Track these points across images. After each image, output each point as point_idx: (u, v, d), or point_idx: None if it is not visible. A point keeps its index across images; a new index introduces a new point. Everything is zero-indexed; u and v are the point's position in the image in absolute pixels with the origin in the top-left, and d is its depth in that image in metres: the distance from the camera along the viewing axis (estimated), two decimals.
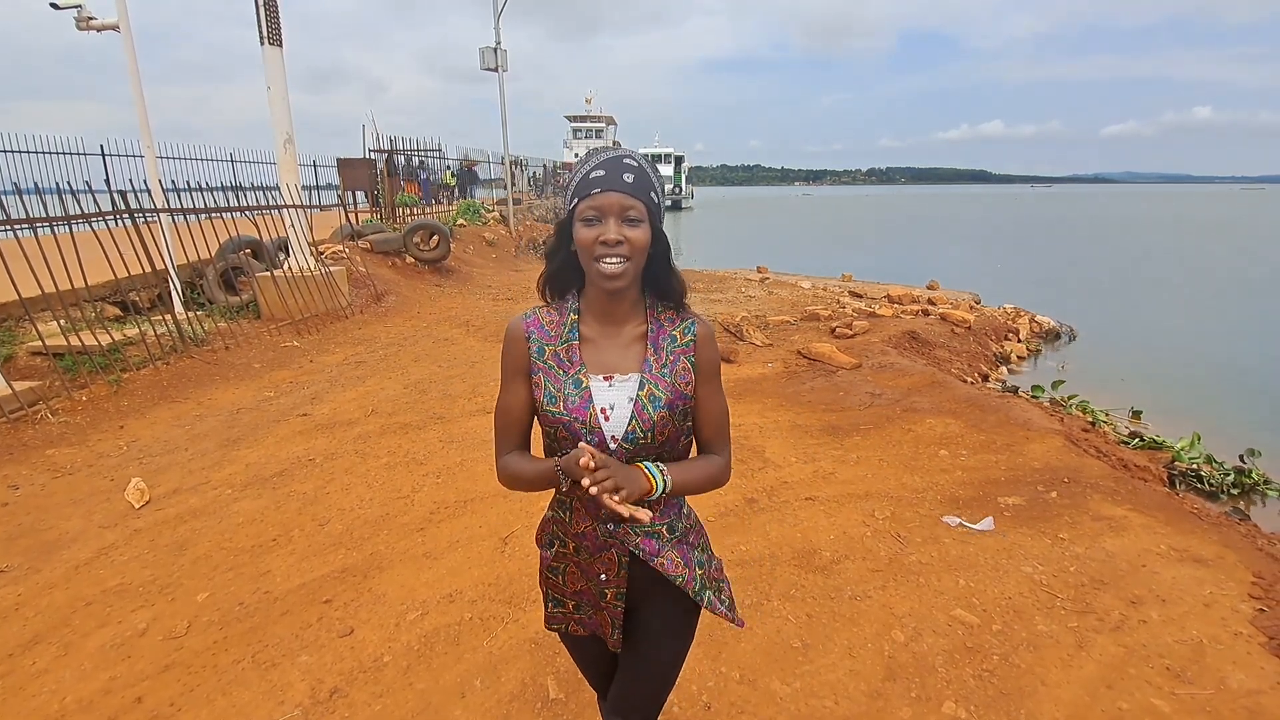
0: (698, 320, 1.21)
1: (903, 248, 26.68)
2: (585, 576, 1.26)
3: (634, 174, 1.09)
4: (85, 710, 2.12)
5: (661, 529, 1.22)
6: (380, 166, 13.49)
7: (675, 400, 1.16)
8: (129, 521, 3.34)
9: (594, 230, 1.08)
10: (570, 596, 1.30)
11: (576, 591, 1.29)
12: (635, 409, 1.13)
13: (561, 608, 1.32)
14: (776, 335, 7.48)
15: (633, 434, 1.13)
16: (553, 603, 1.33)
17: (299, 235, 7.79)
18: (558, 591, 1.31)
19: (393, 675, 2.28)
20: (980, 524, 3.22)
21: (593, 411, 1.13)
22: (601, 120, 54.05)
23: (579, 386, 1.15)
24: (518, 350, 1.20)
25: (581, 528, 1.22)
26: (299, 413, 4.92)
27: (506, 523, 3.29)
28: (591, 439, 1.13)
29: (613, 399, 1.15)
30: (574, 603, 1.31)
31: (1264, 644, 2.32)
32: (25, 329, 5.77)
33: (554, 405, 1.15)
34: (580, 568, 1.26)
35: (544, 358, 1.18)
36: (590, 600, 1.28)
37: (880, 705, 2.12)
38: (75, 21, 6.67)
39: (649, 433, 1.13)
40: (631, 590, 1.25)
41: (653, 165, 1.15)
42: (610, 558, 1.21)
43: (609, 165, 1.09)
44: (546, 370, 1.17)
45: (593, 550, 1.22)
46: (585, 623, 1.32)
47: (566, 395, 1.15)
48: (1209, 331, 10.72)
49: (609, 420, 1.14)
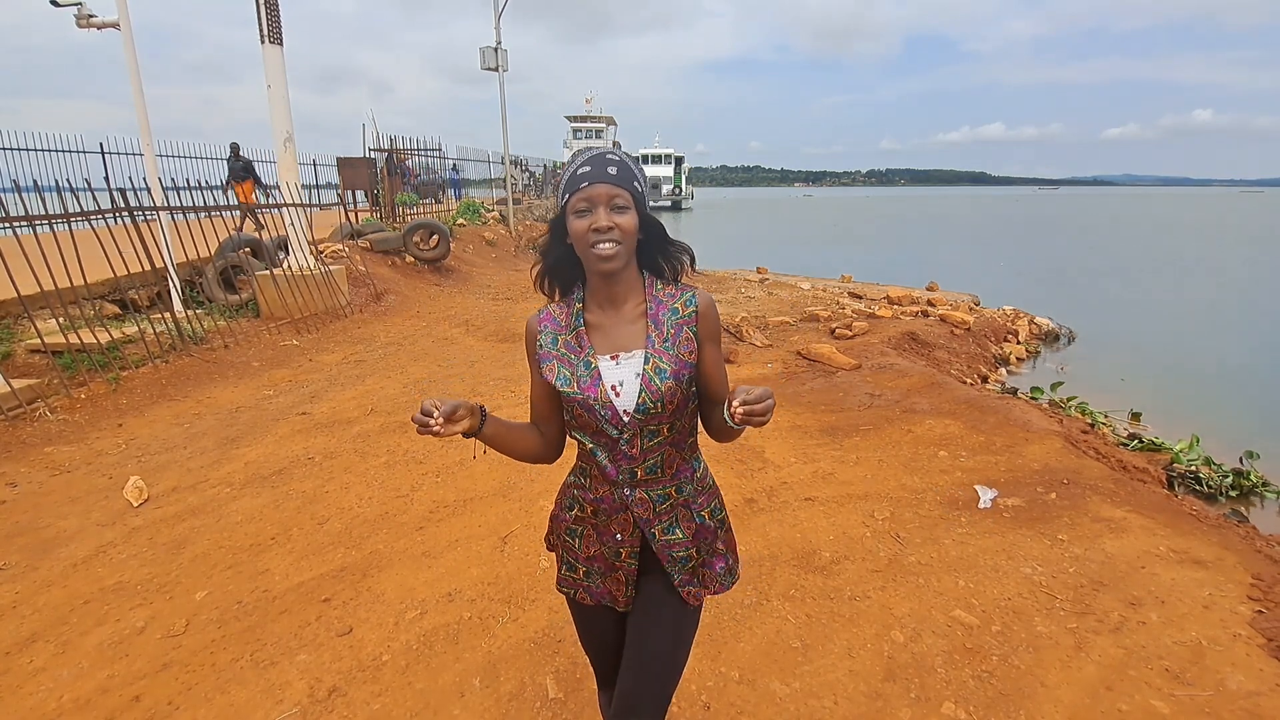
0: (697, 292, 1.29)
1: (902, 249, 26.69)
2: (601, 540, 1.34)
3: (617, 167, 1.19)
4: (83, 708, 2.12)
5: (670, 489, 1.30)
6: (380, 166, 13.49)
7: (680, 370, 1.24)
8: (127, 520, 3.33)
9: (585, 220, 1.18)
10: (583, 562, 1.37)
11: (590, 557, 1.36)
12: (643, 382, 1.22)
13: (573, 573, 1.39)
14: (776, 336, 7.48)
15: (643, 405, 1.22)
16: (566, 565, 1.41)
17: (299, 234, 7.78)
18: (572, 555, 1.39)
19: (391, 674, 2.27)
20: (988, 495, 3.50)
21: (603, 389, 1.23)
22: (601, 121, 54.08)
23: (589, 368, 1.24)
24: (531, 346, 1.32)
25: (600, 492, 1.31)
26: (298, 411, 4.91)
27: (506, 522, 3.29)
28: (605, 413, 1.23)
29: (621, 376, 1.24)
30: (585, 569, 1.37)
31: (1263, 646, 2.31)
32: (24, 327, 5.76)
33: (569, 387, 1.25)
34: (597, 530, 1.34)
35: (557, 346, 1.28)
36: (601, 567, 1.35)
37: (880, 706, 2.12)
38: (75, 19, 6.67)
39: (658, 403, 1.22)
40: (644, 554, 1.33)
41: (634, 159, 1.25)
42: (626, 519, 1.30)
43: (594, 162, 1.19)
44: (560, 357, 1.27)
45: (610, 512, 1.31)
46: (593, 591, 1.38)
47: (579, 376, 1.24)
48: (1208, 334, 10.73)
49: (620, 396, 1.23)
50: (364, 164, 13.28)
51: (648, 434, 1.25)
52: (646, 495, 1.29)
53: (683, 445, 1.32)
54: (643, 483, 1.28)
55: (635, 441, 1.25)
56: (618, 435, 1.24)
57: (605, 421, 1.23)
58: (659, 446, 1.27)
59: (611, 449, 1.26)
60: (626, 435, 1.24)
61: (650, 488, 1.29)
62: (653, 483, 1.29)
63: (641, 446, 1.25)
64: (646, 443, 1.26)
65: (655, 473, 1.29)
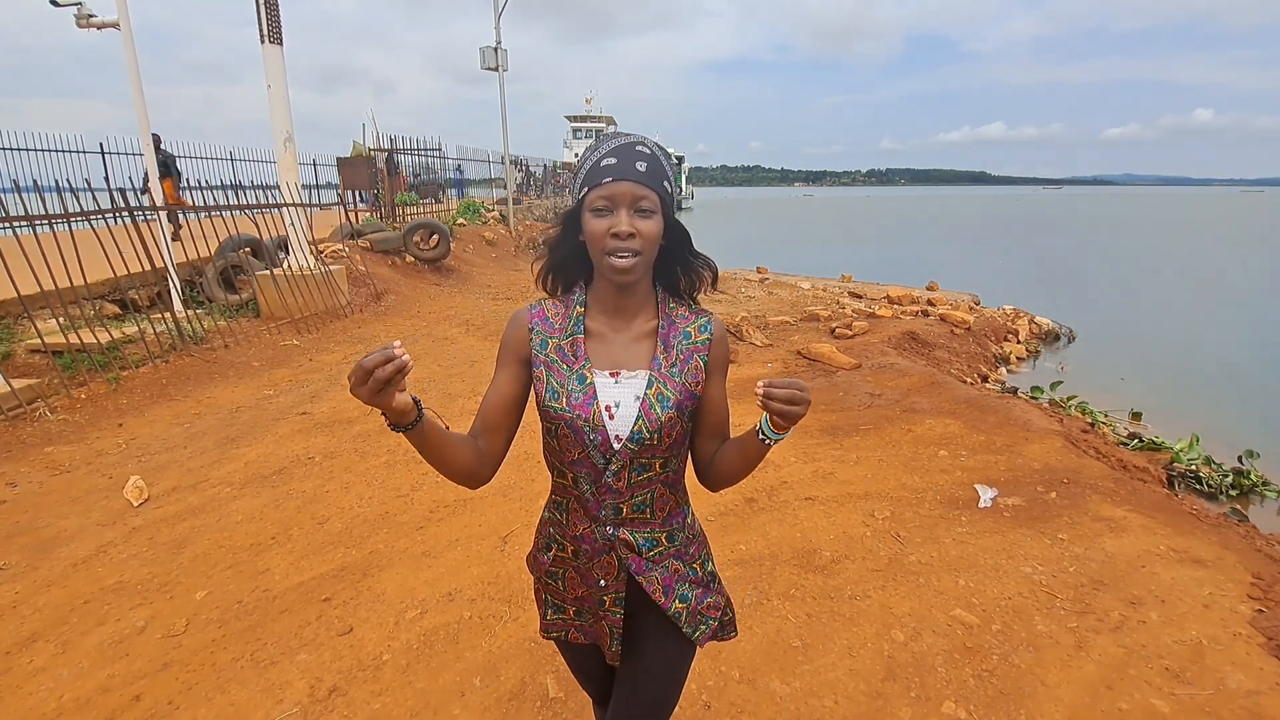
0: (713, 318, 1.18)
1: (902, 248, 26.68)
2: (585, 582, 1.19)
3: (647, 162, 1.03)
4: (83, 708, 2.12)
5: (661, 536, 1.16)
6: (380, 165, 13.49)
7: (684, 400, 1.10)
8: (127, 519, 3.33)
9: (605, 221, 1.03)
10: (571, 603, 1.24)
11: (578, 598, 1.22)
12: (642, 408, 1.08)
13: (561, 614, 1.25)
14: (776, 336, 7.49)
15: (639, 434, 1.08)
16: (552, 609, 1.26)
17: (298, 234, 7.78)
18: (557, 597, 1.25)
19: (392, 674, 2.27)
20: (988, 495, 3.52)
21: (596, 409, 1.08)
22: (601, 120, 54.11)
23: (583, 382, 1.09)
24: (518, 339, 1.14)
25: (580, 529, 1.16)
26: (298, 411, 4.91)
27: (506, 522, 3.29)
28: (594, 437, 1.08)
29: (618, 396, 1.09)
30: (574, 609, 1.24)
31: (1263, 645, 2.32)
32: (24, 327, 5.76)
33: (556, 401, 1.09)
34: (579, 572, 1.19)
35: (546, 351, 1.12)
36: (591, 607, 1.21)
37: (880, 705, 2.12)
38: (75, 19, 6.66)
39: (656, 433, 1.08)
40: (630, 597, 1.18)
41: (665, 153, 1.08)
42: (610, 561, 1.15)
43: (621, 153, 1.03)
44: (549, 364, 1.11)
45: (592, 554, 1.16)
46: (586, 631, 1.25)
47: (570, 391, 1.08)
48: (1208, 333, 10.73)
49: (614, 419, 1.08)
50: (364, 164, 13.29)
51: (638, 467, 1.10)
52: (632, 538, 1.14)
53: (676, 486, 1.18)
54: (628, 521, 1.12)
55: (623, 474, 1.10)
56: (604, 465, 1.09)
57: (592, 447, 1.08)
58: (649, 483, 1.12)
59: (595, 479, 1.11)
60: (614, 466, 1.09)
61: (637, 529, 1.14)
62: (640, 523, 1.14)
63: (629, 480, 1.10)
64: (635, 477, 1.10)
65: (643, 511, 1.13)
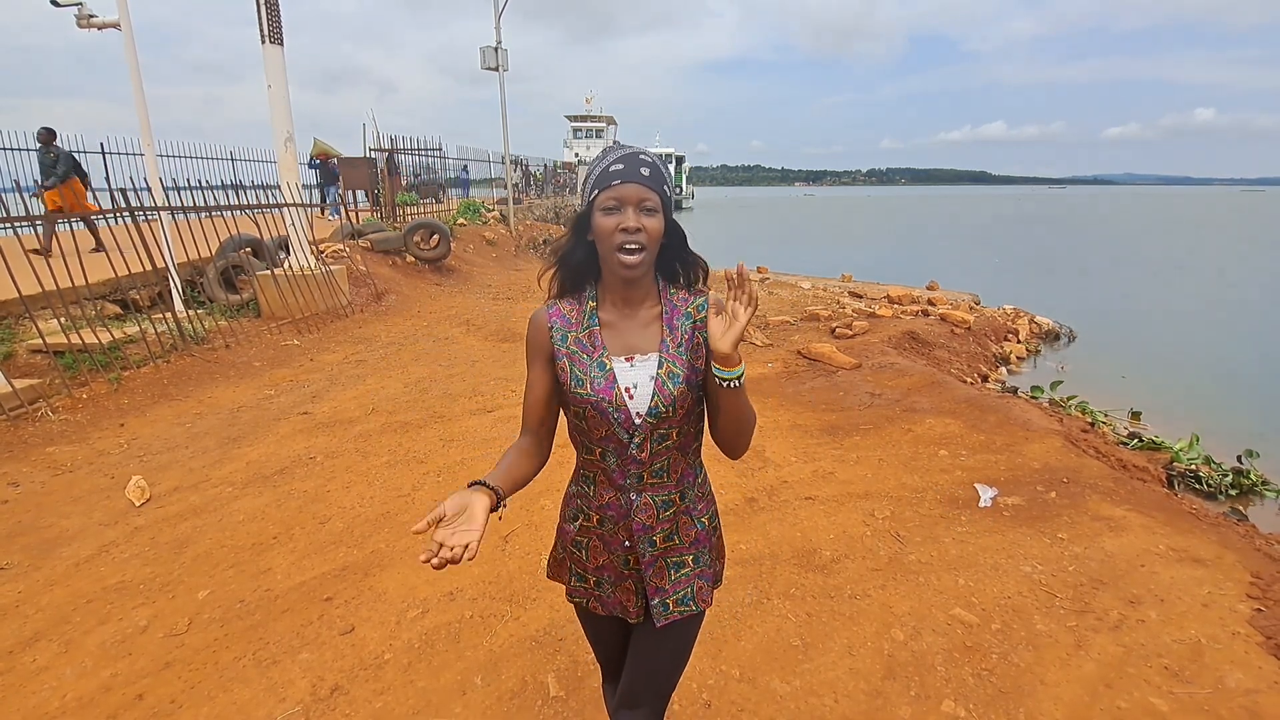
0: (709, 297, 1.29)
1: (902, 248, 26.68)
2: (608, 549, 1.32)
3: (649, 168, 1.18)
4: (86, 707, 2.13)
5: (675, 495, 1.30)
6: (380, 165, 13.50)
7: (691, 375, 1.24)
8: (129, 519, 3.34)
9: (614, 218, 1.16)
10: (592, 572, 1.35)
11: (599, 567, 1.34)
12: (656, 386, 1.22)
13: (584, 583, 1.38)
14: (776, 335, 7.49)
15: (656, 409, 1.22)
16: (575, 577, 1.39)
17: (299, 234, 7.79)
18: (580, 566, 1.37)
19: (393, 673, 2.28)
20: (988, 494, 3.54)
21: (618, 391, 1.23)
22: (601, 120, 54.11)
23: (604, 369, 1.24)
24: (540, 338, 1.28)
25: (606, 498, 1.30)
26: (299, 411, 4.92)
27: (506, 521, 3.29)
28: (618, 415, 1.22)
29: (635, 378, 1.24)
30: (595, 579, 1.36)
31: (1261, 644, 2.32)
32: (25, 327, 5.76)
33: (581, 388, 1.23)
34: (603, 540, 1.32)
35: (567, 344, 1.26)
36: (612, 576, 1.34)
37: (880, 704, 2.13)
38: (75, 19, 6.66)
39: (670, 406, 1.22)
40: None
41: (664, 162, 1.24)
42: (631, 525, 1.29)
43: (627, 160, 1.18)
44: (571, 356, 1.25)
45: (616, 520, 1.30)
46: (605, 601, 1.36)
47: (592, 378, 1.23)
48: (1208, 333, 10.73)
49: (633, 398, 1.23)
50: (364, 164, 13.29)
51: (657, 437, 1.25)
52: (651, 500, 1.29)
53: (688, 450, 1.32)
54: (649, 486, 1.28)
55: (645, 445, 1.24)
56: (628, 439, 1.24)
57: (617, 425, 1.23)
58: (667, 450, 1.27)
59: (620, 453, 1.26)
60: (637, 439, 1.24)
61: (655, 492, 1.29)
62: (658, 487, 1.29)
63: (651, 450, 1.25)
64: (655, 446, 1.25)
65: (661, 476, 1.28)
